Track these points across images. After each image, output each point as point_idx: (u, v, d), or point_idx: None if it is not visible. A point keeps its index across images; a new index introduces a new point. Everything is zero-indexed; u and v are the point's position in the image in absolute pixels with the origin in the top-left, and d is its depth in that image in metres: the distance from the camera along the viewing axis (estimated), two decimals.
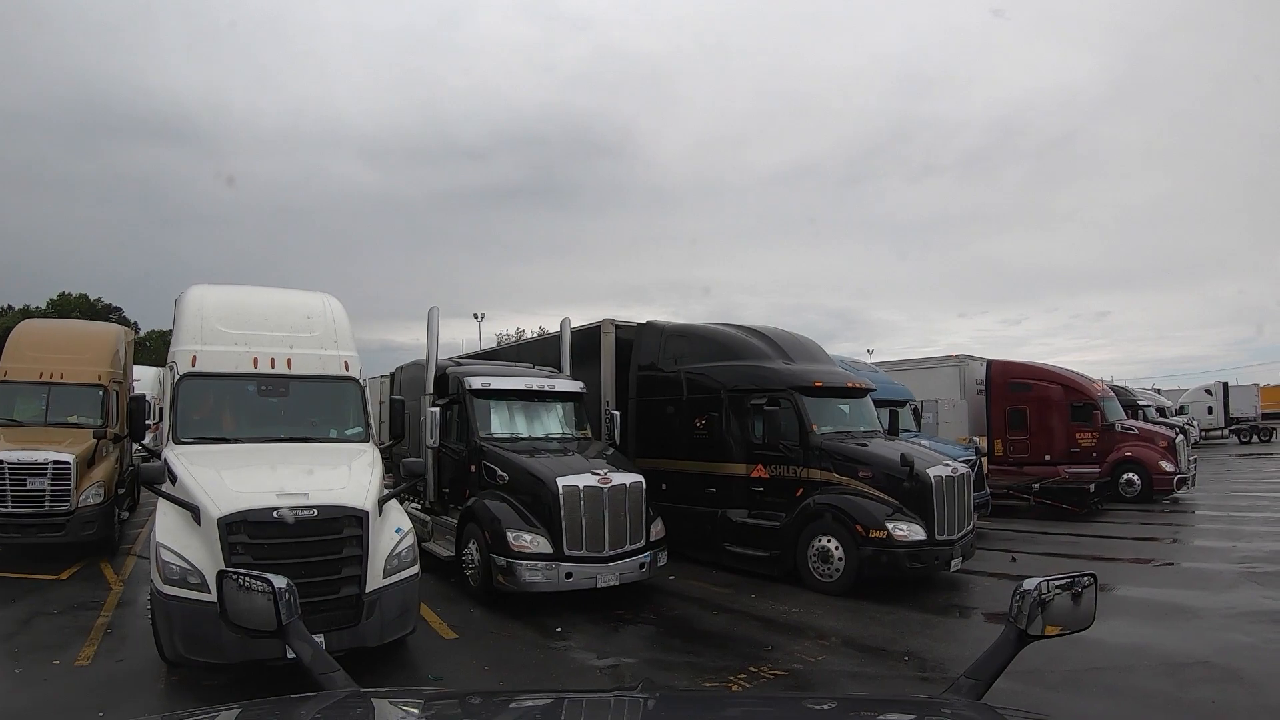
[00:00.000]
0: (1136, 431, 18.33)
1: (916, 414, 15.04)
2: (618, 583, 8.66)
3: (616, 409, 11.82)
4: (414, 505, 11.36)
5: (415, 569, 6.60)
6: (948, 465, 9.63)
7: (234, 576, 2.17)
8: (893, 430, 11.69)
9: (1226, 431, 41.62)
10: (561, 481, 8.55)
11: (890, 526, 8.92)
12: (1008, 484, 16.35)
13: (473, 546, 9.00)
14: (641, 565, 8.90)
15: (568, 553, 8.41)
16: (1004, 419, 18.86)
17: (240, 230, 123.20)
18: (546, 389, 10.61)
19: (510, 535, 8.41)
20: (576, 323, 12.19)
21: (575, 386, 10.87)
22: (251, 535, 5.85)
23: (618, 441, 10.99)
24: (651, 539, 9.14)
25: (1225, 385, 42.46)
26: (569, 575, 8.34)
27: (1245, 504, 17.35)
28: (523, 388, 10.48)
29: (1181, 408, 39.72)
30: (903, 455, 9.27)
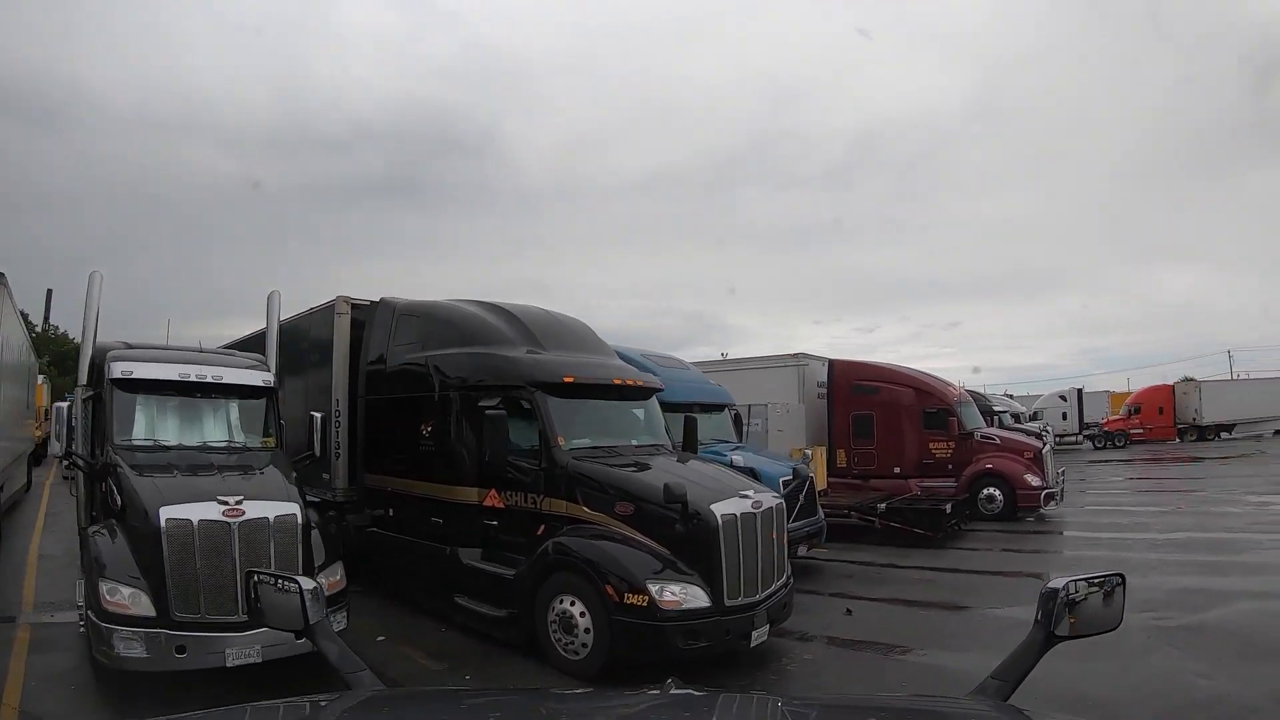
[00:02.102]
0: (998, 441, 16.16)
1: (738, 421, 12.29)
2: (260, 659, 5.75)
3: (347, 409, 9.41)
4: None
5: None
6: (746, 496, 6.77)
7: (262, 577, 2.25)
8: (688, 444, 8.91)
9: (1081, 437, 41.59)
10: (166, 513, 5.82)
11: (654, 589, 6.05)
12: (849, 503, 13.67)
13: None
14: None
15: (177, 616, 5.69)
16: (848, 426, 16.48)
17: (88, 214, 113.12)
18: (210, 380, 7.60)
19: (104, 588, 5.73)
20: None
21: (255, 378, 7.85)
22: None
23: (319, 453, 8.29)
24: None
25: (1080, 391, 42.57)
26: (181, 649, 5.64)
27: (1120, 520, 15.34)
28: (176, 378, 7.48)
29: (1036, 413, 39.65)
30: (667, 485, 6.42)
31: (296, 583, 2.14)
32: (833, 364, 16.89)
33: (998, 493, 15.44)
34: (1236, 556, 11.03)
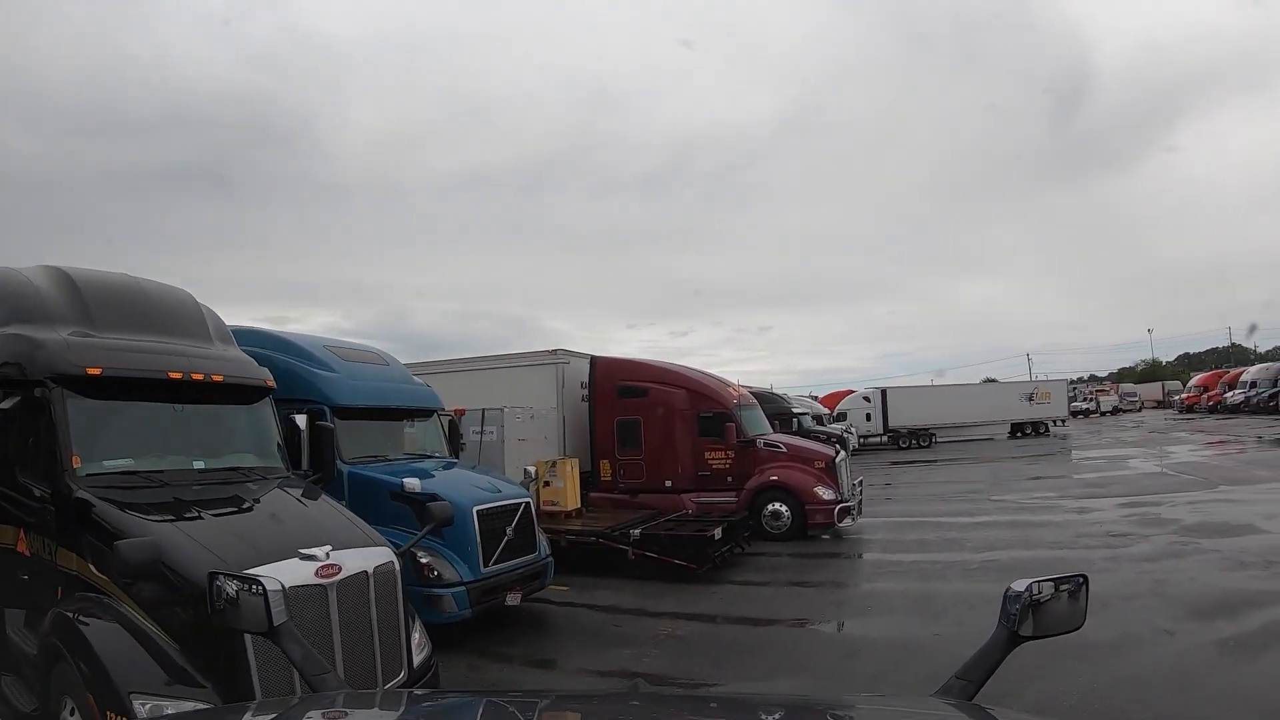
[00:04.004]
0: (784, 450, 14.29)
1: (454, 429, 9.72)
2: None
3: None
4: None
5: None
6: (311, 559, 4.38)
7: (225, 578, 2.27)
8: (317, 464, 6.52)
9: (885, 438, 41.48)
10: None
11: (141, 709, 3.83)
12: (599, 529, 11.18)
13: None
14: None
15: None
16: (612, 433, 14.34)
17: None
18: None
19: None
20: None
21: None
22: None
23: None
24: None
25: (884, 392, 42.17)
26: None
27: (928, 537, 13.33)
28: None
29: (840, 414, 39.74)
30: (119, 548, 4.07)
31: (261, 584, 2.16)
32: (595, 361, 14.78)
33: (784, 508, 13.56)
34: None
